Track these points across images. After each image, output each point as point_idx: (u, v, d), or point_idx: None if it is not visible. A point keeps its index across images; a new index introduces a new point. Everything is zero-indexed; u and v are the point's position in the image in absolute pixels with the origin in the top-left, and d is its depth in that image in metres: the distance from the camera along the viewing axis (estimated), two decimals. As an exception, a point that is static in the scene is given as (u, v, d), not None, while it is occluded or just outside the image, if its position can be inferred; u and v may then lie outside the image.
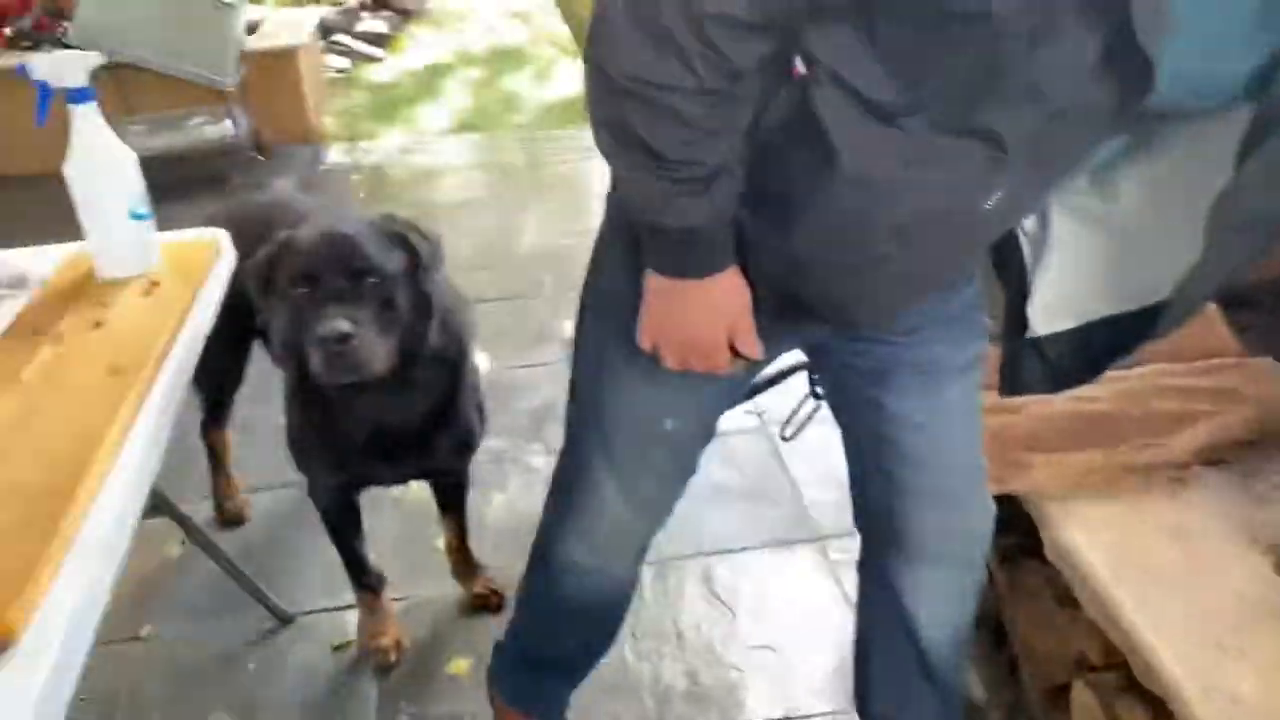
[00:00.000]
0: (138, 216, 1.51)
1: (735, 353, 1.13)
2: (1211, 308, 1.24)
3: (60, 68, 1.43)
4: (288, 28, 4.61)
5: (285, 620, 2.04)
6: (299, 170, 4.30)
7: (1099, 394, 1.46)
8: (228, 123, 4.01)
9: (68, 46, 3.97)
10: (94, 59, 1.47)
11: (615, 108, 0.97)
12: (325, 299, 1.43)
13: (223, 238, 1.69)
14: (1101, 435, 1.45)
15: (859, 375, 1.25)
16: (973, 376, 1.25)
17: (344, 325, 1.40)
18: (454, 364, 1.67)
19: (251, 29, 4.36)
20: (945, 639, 1.36)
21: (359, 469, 1.74)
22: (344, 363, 1.42)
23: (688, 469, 1.37)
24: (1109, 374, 1.38)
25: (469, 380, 1.73)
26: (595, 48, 0.97)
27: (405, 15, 6.33)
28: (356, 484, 1.83)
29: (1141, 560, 1.34)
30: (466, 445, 1.78)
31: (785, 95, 0.98)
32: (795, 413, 1.80)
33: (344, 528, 1.87)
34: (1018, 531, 1.84)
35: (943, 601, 1.35)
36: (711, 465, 2.39)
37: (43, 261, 1.61)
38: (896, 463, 1.26)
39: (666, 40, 0.91)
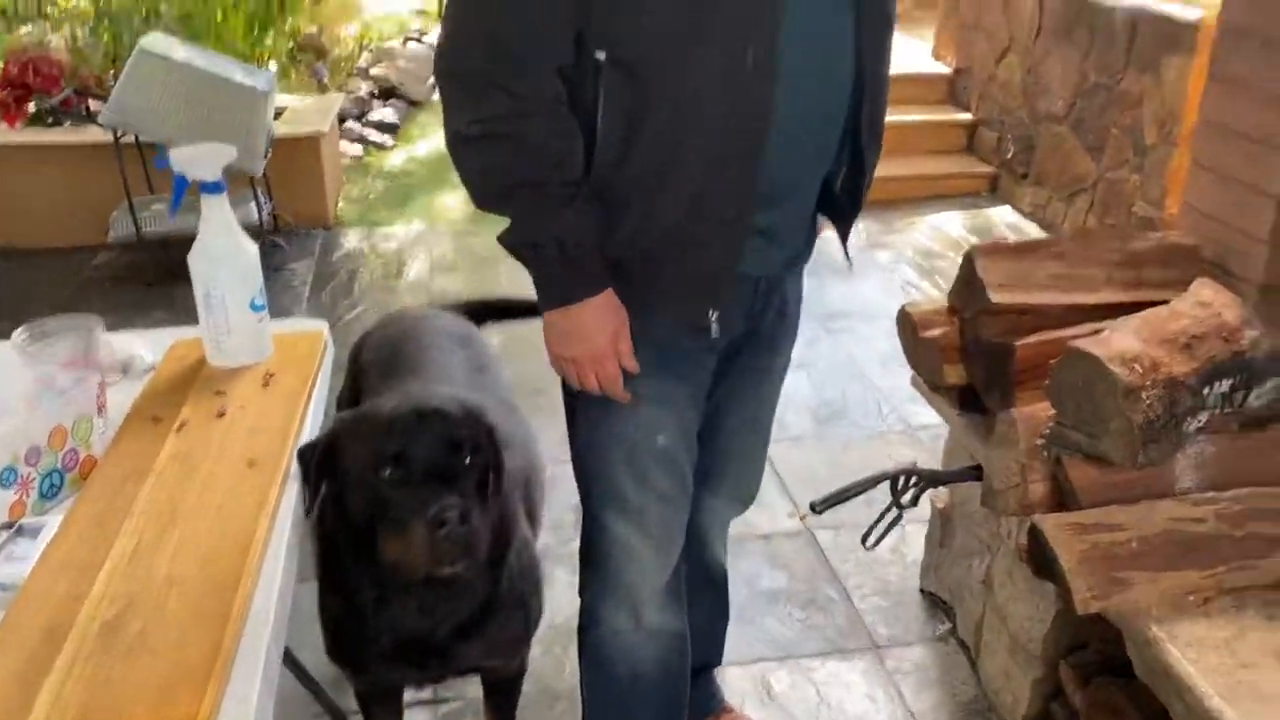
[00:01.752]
0: (256, 308, 1.53)
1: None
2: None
3: (197, 161, 1.46)
4: (312, 114, 4.67)
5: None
6: (317, 255, 4.32)
7: (1200, 514, 1.50)
8: (251, 206, 4.03)
9: (96, 124, 4.01)
10: (229, 153, 1.50)
11: (478, 155, 1.30)
12: (427, 478, 1.26)
13: (324, 329, 1.71)
14: (1200, 556, 1.48)
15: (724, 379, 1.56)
16: (784, 374, 1.70)
17: (458, 506, 1.23)
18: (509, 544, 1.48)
19: (277, 114, 4.42)
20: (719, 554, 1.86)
21: (408, 666, 1.48)
22: (456, 548, 1.25)
23: (685, 488, 1.55)
24: (1209, 494, 1.43)
25: (528, 560, 1.56)
26: (445, 115, 1.31)
27: (413, 105, 6.44)
28: (404, 681, 1.65)
29: (1251, 683, 1.37)
30: (524, 635, 1.59)
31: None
32: (877, 522, 1.82)
33: None
34: (1095, 649, 1.87)
35: (720, 526, 1.82)
36: (761, 570, 2.42)
37: (146, 347, 1.61)
38: (726, 435, 1.64)
39: (483, 79, 1.24)
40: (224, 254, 1.49)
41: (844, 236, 1.57)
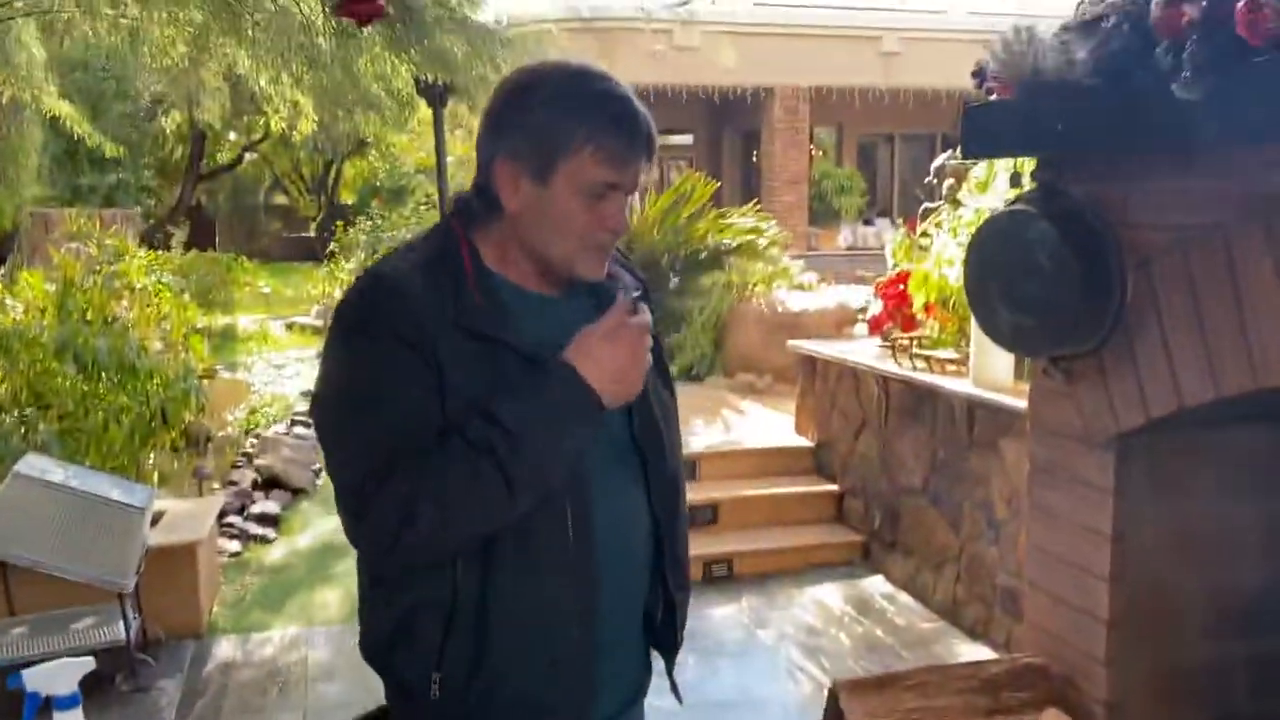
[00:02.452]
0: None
1: None
2: None
3: (53, 678, 1.46)
4: (189, 520, 4.65)
5: None
6: (187, 669, 4.15)
7: None
8: (119, 625, 3.90)
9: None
10: (85, 665, 1.50)
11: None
12: None
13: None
14: None
15: None
16: None
17: None
18: None
19: (154, 520, 4.39)
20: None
21: None
22: None
23: None
24: None
25: None
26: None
27: (297, 493, 6.47)
28: None
29: None
30: None
31: None
32: None
33: None
34: None
35: None
36: None
37: None
38: None
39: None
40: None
41: (669, 670, 1.65)
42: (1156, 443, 2.02)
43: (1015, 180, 2.33)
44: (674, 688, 1.65)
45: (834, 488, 5.66)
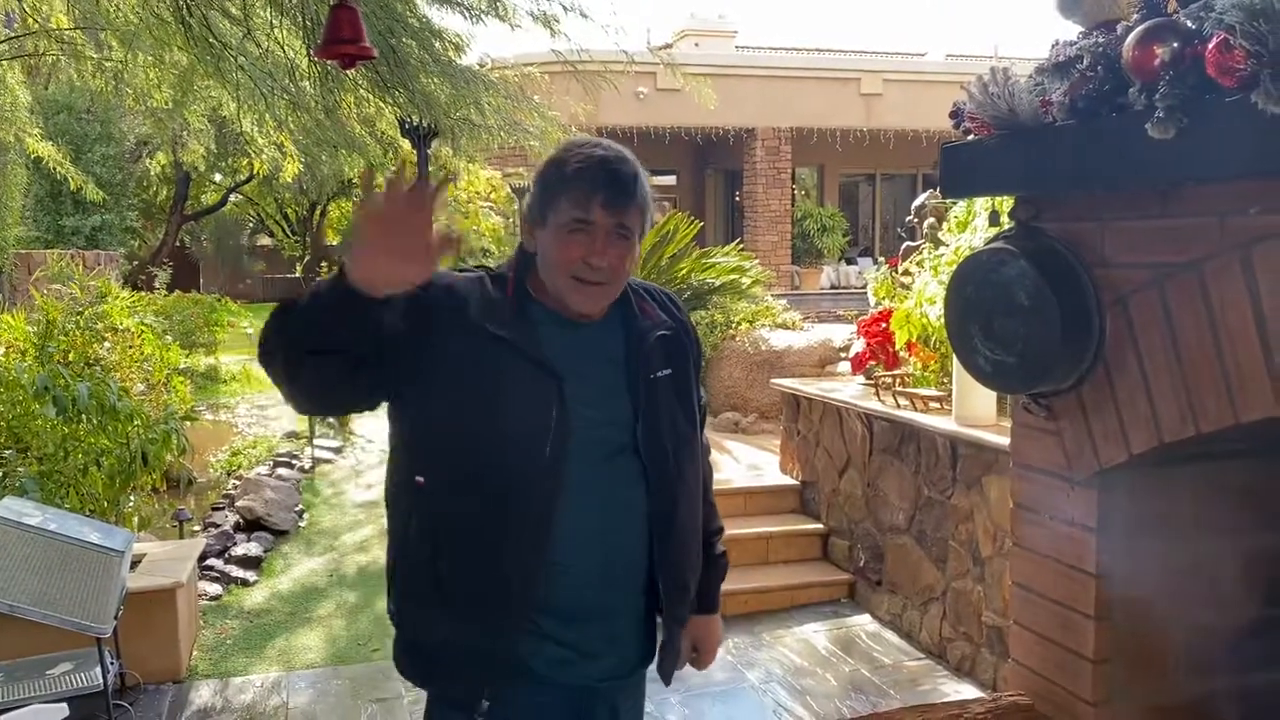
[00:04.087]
0: None
1: None
2: None
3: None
4: (169, 563, 4.60)
5: None
6: (165, 716, 4.09)
7: None
8: (96, 670, 3.84)
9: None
10: (59, 712, 1.48)
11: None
12: None
13: None
14: None
15: None
16: None
17: None
18: None
19: (134, 564, 4.34)
20: None
21: None
22: None
23: None
24: None
25: None
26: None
27: (279, 535, 6.41)
28: None
29: None
30: None
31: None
32: None
33: None
34: None
35: None
36: None
37: None
38: None
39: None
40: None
41: (660, 654, 1.90)
42: (1139, 479, 2.03)
43: (994, 219, 2.35)
44: (661, 670, 1.92)
45: (819, 526, 5.64)
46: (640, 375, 1.79)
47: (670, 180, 20.81)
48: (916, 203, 6.13)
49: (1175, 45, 1.60)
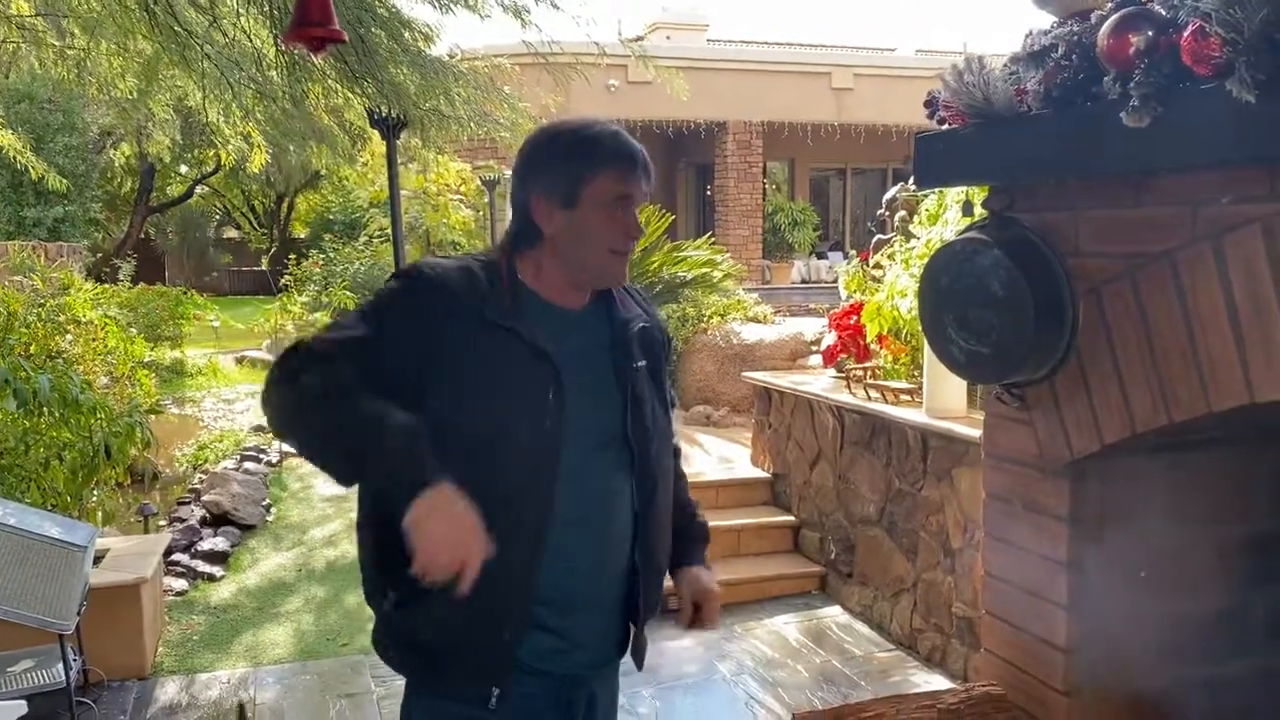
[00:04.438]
0: None
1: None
2: None
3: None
4: (133, 559, 4.53)
5: None
6: (130, 712, 4.03)
7: None
8: (58, 667, 3.78)
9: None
10: (19, 709, 1.44)
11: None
12: None
13: None
14: None
15: None
16: None
17: None
18: None
19: (97, 559, 4.26)
20: None
21: None
22: None
23: None
24: None
25: None
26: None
27: (247, 529, 6.34)
28: None
29: None
30: None
31: None
32: None
33: None
34: None
35: None
36: None
37: None
38: None
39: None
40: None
41: (635, 638, 1.89)
42: (1111, 469, 2.03)
43: (968, 209, 2.35)
44: (635, 655, 1.90)
45: (791, 519, 5.65)
46: (626, 364, 1.81)
47: (641, 174, 20.74)
48: (887, 196, 6.14)
49: (1150, 33, 1.60)
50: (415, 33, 7.47)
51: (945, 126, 2.10)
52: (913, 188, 5.61)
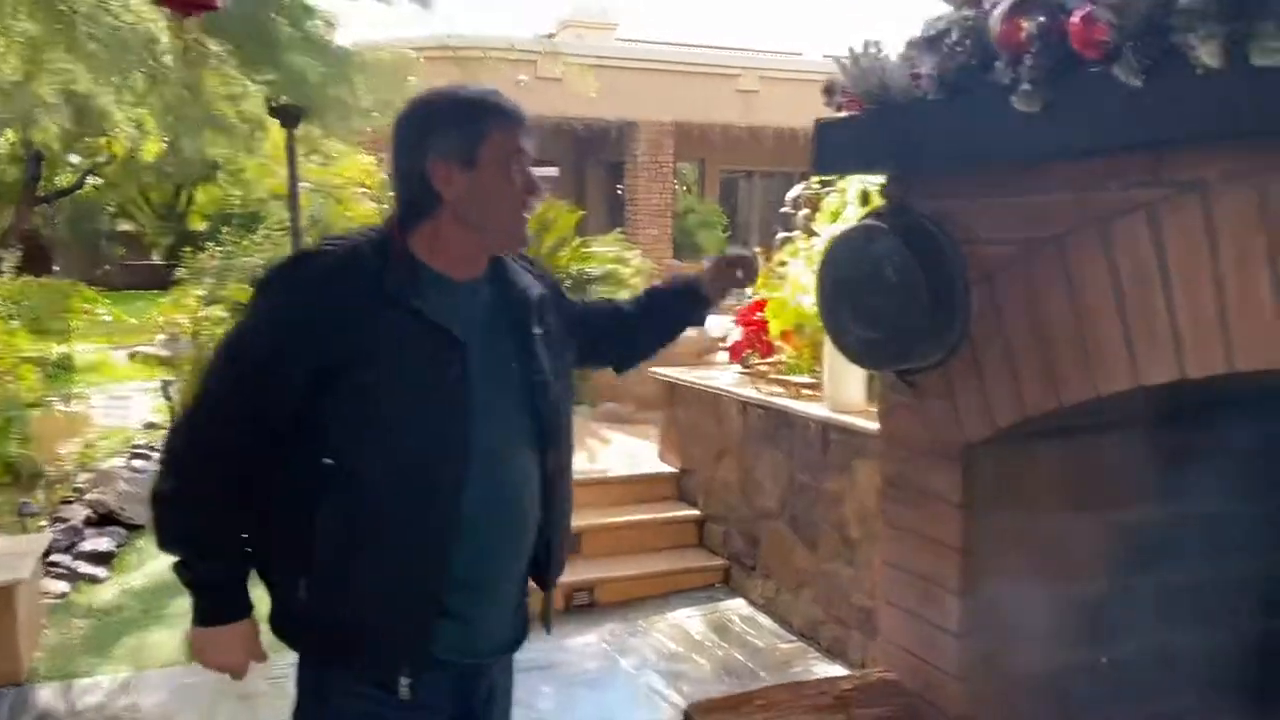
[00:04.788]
0: None
1: None
2: None
3: None
4: (9, 559, 4.31)
5: None
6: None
7: None
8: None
9: None
10: None
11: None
12: None
13: None
14: None
15: None
16: None
17: None
18: None
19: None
20: None
21: None
22: None
23: None
24: None
25: None
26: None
27: (133, 529, 6.10)
28: None
29: None
30: None
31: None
32: None
33: None
34: None
35: None
36: None
37: None
38: None
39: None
40: None
41: (545, 604, 1.93)
42: (1004, 454, 2.06)
43: (865, 199, 2.35)
44: (545, 620, 1.93)
45: (696, 513, 5.65)
46: (527, 334, 1.78)
47: (552, 171, 20.65)
48: (792, 194, 6.19)
49: (1041, 18, 1.61)
50: (318, 20, 7.30)
51: (844, 114, 2.10)
52: (817, 185, 5.68)
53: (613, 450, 6.63)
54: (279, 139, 9.12)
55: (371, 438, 1.60)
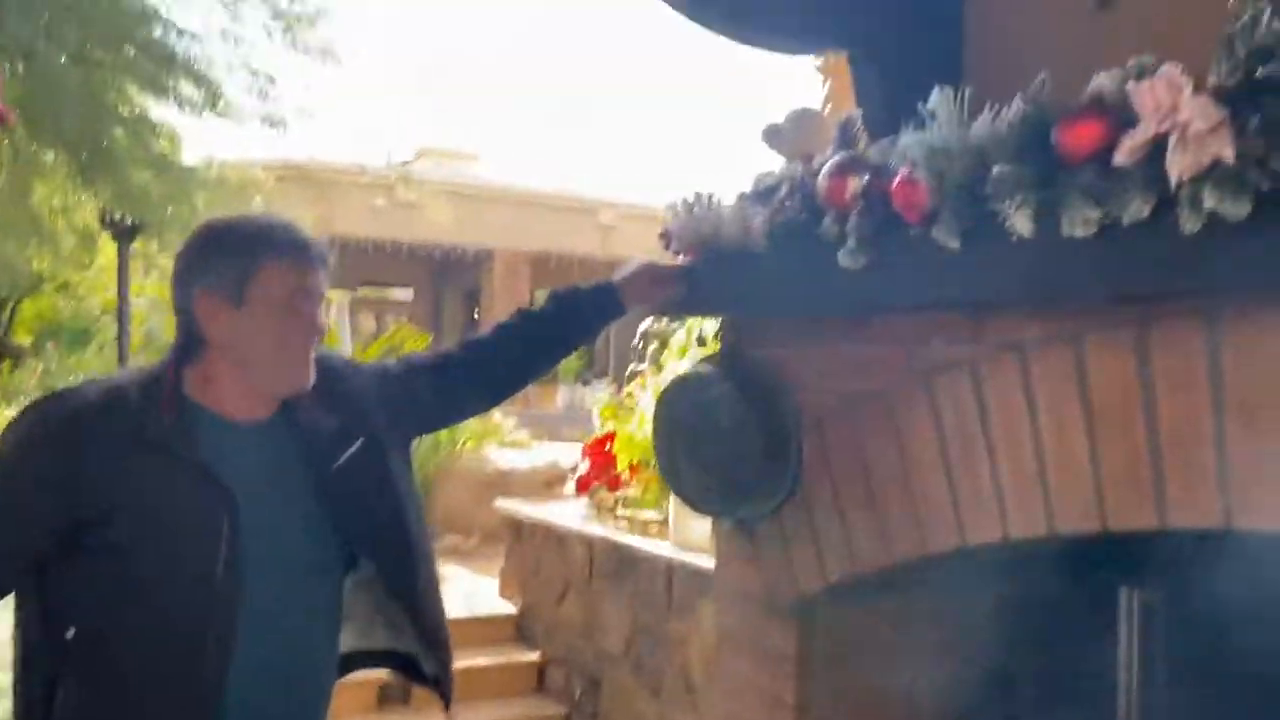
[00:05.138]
0: None
1: None
2: None
3: None
4: None
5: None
6: None
7: None
8: None
9: None
10: None
11: None
12: None
13: None
14: None
15: None
16: None
17: None
18: None
19: None
20: None
21: None
22: None
23: None
24: None
25: None
26: None
27: None
28: None
29: None
30: None
31: None
32: None
33: None
34: None
35: None
36: None
37: None
38: None
39: None
40: None
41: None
42: (838, 608, 2.01)
43: (701, 341, 2.34)
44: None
45: (535, 658, 5.43)
46: (325, 470, 1.60)
47: (408, 295, 20.50)
48: (642, 327, 6.24)
49: (866, 178, 1.64)
50: (159, 136, 7.11)
51: (679, 259, 2.09)
52: (666, 320, 5.73)
53: (450, 589, 6.36)
54: (113, 253, 8.77)
55: (122, 604, 1.43)
